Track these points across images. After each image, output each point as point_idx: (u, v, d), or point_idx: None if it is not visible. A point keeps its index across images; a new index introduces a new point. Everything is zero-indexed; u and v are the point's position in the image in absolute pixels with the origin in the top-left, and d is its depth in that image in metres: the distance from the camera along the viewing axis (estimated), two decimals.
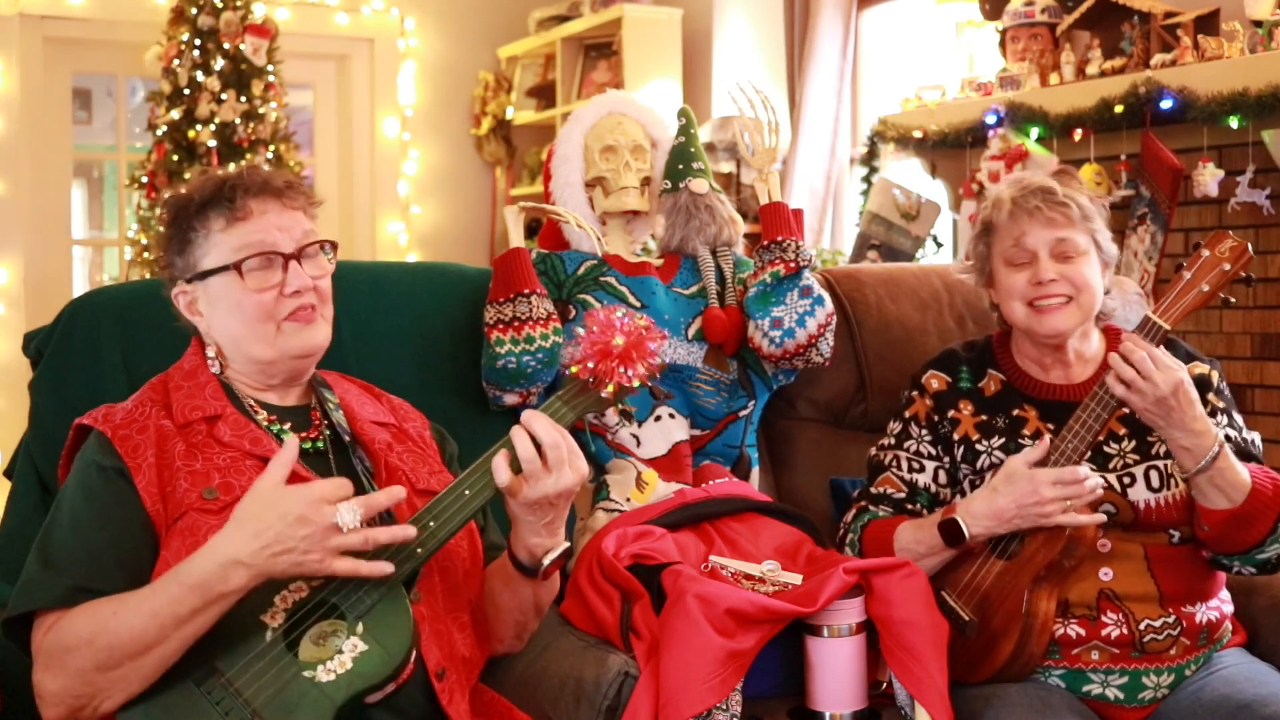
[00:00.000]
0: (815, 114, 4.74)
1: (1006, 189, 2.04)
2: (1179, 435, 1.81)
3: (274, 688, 1.42)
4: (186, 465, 1.56)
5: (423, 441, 1.81)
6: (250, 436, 1.61)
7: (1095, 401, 1.86)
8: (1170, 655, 1.89)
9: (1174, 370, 1.80)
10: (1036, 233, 1.98)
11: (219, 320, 1.66)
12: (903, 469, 2.07)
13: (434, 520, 1.54)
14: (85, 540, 1.50)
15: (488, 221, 6.15)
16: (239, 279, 1.63)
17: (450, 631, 1.63)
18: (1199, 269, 1.85)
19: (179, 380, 1.67)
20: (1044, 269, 1.97)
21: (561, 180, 2.33)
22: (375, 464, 1.70)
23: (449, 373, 2.24)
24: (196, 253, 1.66)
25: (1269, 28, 3.21)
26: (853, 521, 2.07)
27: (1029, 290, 1.98)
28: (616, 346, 1.62)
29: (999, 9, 4.11)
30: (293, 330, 1.65)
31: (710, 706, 1.66)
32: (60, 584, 1.47)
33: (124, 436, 1.57)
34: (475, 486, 1.57)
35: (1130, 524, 1.92)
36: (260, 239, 1.64)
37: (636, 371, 1.63)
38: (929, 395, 2.09)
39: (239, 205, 1.64)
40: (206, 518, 1.51)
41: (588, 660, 1.79)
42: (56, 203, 5.35)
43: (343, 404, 1.75)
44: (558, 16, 5.76)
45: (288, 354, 1.66)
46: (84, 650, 1.41)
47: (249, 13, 4.84)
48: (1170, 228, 3.43)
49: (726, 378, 2.27)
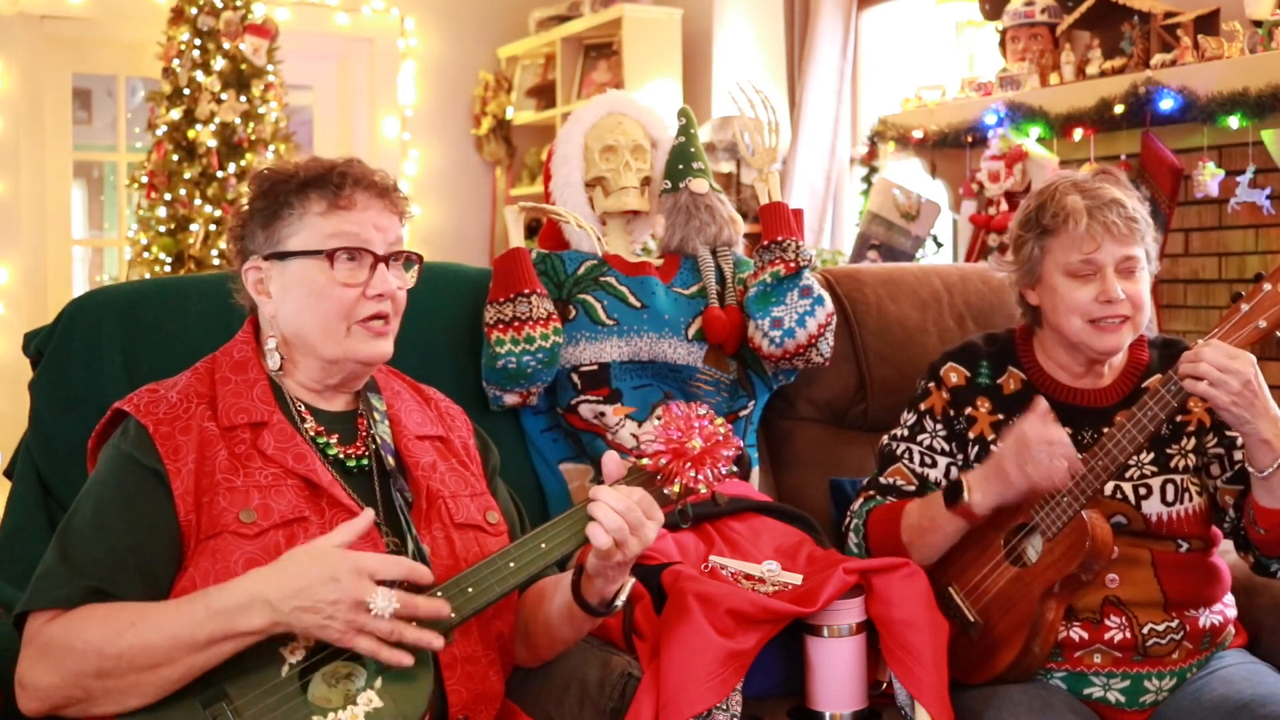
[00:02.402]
0: (815, 114, 4.74)
1: (1076, 196, 1.92)
2: (1264, 426, 1.74)
3: (276, 714, 1.38)
4: (227, 480, 1.50)
5: (466, 453, 1.75)
6: (294, 452, 1.54)
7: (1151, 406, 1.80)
8: (1173, 659, 1.89)
9: (1247, 356, 1.73)
10: (1109, 249, 1.89)
11: (290, 306, 1.59)
12: (915, 462, 2.04)
13: (473, 587, 1.49)
14: (108, 541, 1.46)
15: (488, 221, 6.15)
16: (328, 267, 1.56)
17: (484, 672, 1.58)
18: (1259, 303, 1.76)
19: (227, 372, 1.60)
20: (1113, 287, 1.88)
21: (561, 180, 2.33)
22: (416, 493, 1.63)
23: (449, 373, 2.23)
24: (285, 230, 1.58)
25: (1269, 28, 3.21)
26: (859, 509, 2.05)
27: (1093, 308, 1.90)
28: (692, 449, 1.58)
29: (999, 9, 4.11)
30: (362, 337, 1.59)
31: (710, 706, 1.66)
32: (76, 584, 1.43)
33: (166, 434, 1.51)
34: (521, 561, 1.52)
35: (1140, 533, 1.91)
36: (358, 232, 1.58)
37: (706, 476, 1.59)
38: (946, 389, 2.05)
39: (345, 193, 1.58)
40: (241, 542, 1.47)
41: (591, 661, 1.79)
42: (56, 203, 5.35)
43: (390, 413, 1.68)
44: (558, 16, 5.76)
45: (352, 357, 1.59)
46: (90, 656, 1.38)
47: (249, 13, 4.84)
48: (1170, 228, 3.44)
49: (726, 378, 2.27)
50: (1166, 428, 1.93)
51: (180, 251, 4.69)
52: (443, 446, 1.72)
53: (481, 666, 1.58)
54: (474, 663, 1.57)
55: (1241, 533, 1.91)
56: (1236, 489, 1.92)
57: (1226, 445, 1.94)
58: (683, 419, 1.59)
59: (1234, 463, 1.92)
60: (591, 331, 2.23)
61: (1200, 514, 1.92)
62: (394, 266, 1.62)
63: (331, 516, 1.52)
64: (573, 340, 2.22)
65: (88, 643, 1.38)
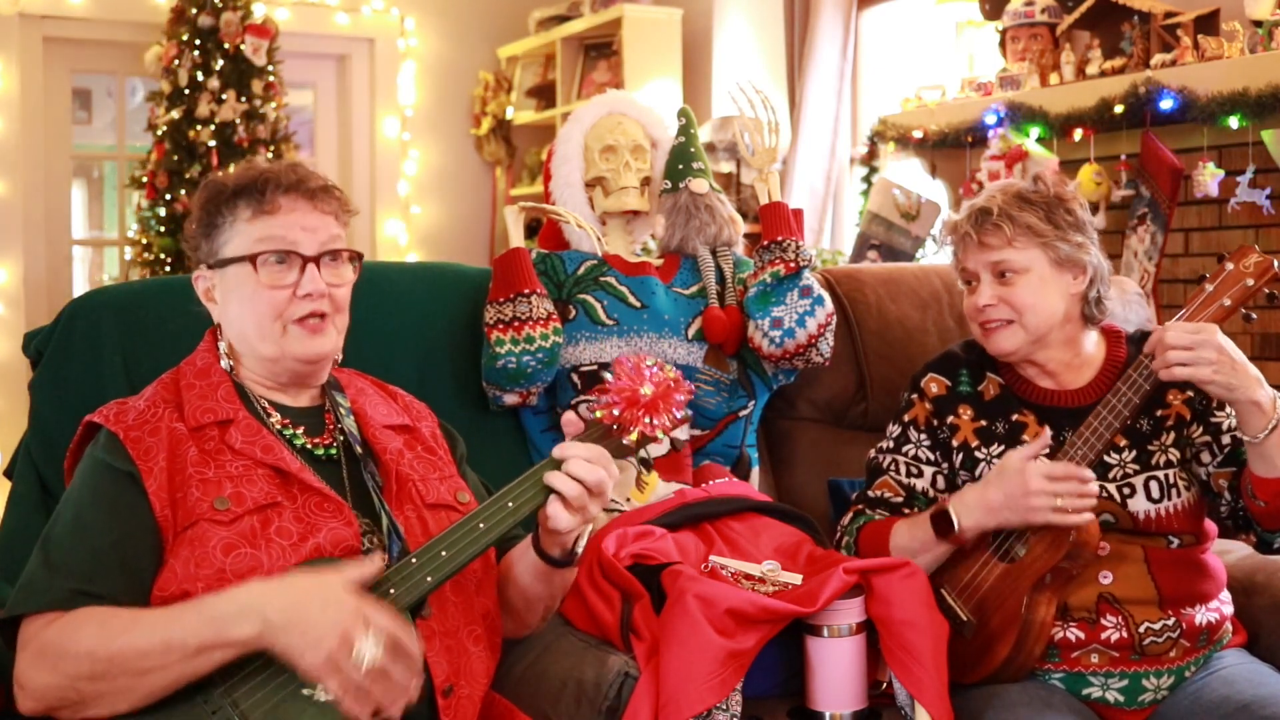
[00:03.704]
0: (815, 114, 4.74)
1: (962, 210, 2.04)
2: (1251, 387, 1.76)
3: (272, 702, 1.40)
4: (199, 472, 1.54)
5: (434, 441, 1.80)
6: (262, 444, 1.58)
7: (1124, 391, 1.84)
8: (1170, 657, 1.89)
9: (1210, 326, 1.78)
10: (974, 257, 2.00)
11: (231, 311, 1.65)
12: (901, 473, 2.07)
13: (446, 549, 1.52)
14: (89, 542, 1.48)
15: (488, 221, 6.15)
16: (253, 271, 1.61)
17: (464, 645, 1.61)
18: (1222, 282, 1.82)
19: (191, 379, 1.65)
20: (980, 293, 2.00)
21: (561, 180, 2.33)
22: (385, 476, 1.67)
23: (449, 373, 2.24)
24: (220, 239, 1.65)
25: (1269, 28, 3.21)
26: (849, 524, 2.07)
27: (976, 313, 2.01)
28: (644, 396, 1.62)
29: (999, 9, 4.11)
30: (298, 335, 1.63)
31: (710, 706, 1.66)
32: (60, 586, 1.45)
33: (136, 438, 1.55)
34: (490, 520, 1.55)
35: (1130, 530, 1.92)
36: (282, 235, 1.62)
37: (661, 422, 1.63)
38: (928, 400, 2.08)
39: (269, 198, 1.63)
40: (217, 528, 1.50)
41: (588, 661, 1.79)
42: (56, 203, 5.35)
43: (355, 407, 1.73)
44: (558, 16, 5.76)
45: (290, 355, 1.64)
46: (83, 659, 1.39)
47: (249, 13, 4.84)
48: (1170, 228, 3.44)
49: (726, 378, 2.27)
50: (1146, 423, 1.95)
51: (180, 251, 4.69)
52: (409, 436, 1.77)
53: (461, 640, 1.60)
54: (453, 636, 1.59)
55: (1240, 512, 1.92)
56: (1229, 471, 1.92)
57: (1213, 431, 1.95)
58: (632, 369, 1.63)
59: (1223, 447, 1.93)
60: (591, 331, 2.23)
61: (1190, 508, 1.93)
62: (329, 265, 1.65)
63: (304, 502, 1.56)
64: (573, 340, 2.22)
65: (82, 645, 1.40)
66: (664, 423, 1.63)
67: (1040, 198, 1.99)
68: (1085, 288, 2.00)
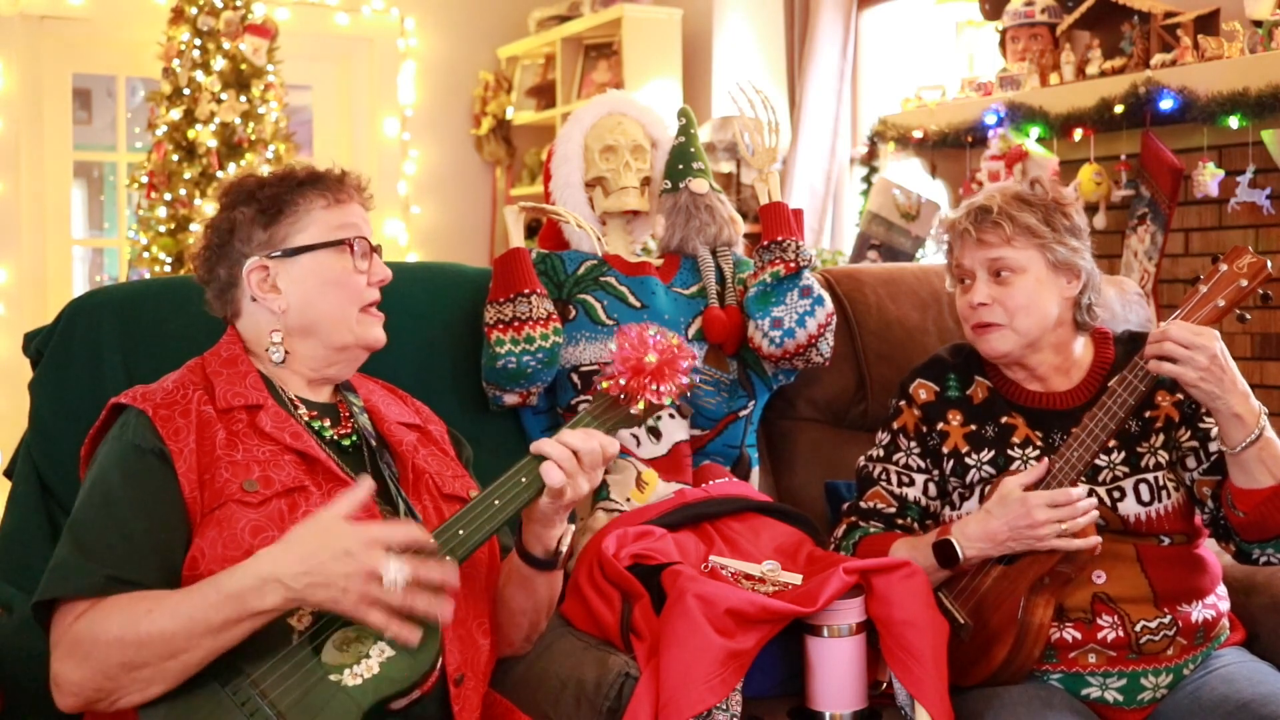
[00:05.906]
0: (815, 114, 4.74)
1: (960, 208, 2.04)
2: (1234, 401, 1.77)
3: (300, 690, 1.41)
4: (227, 455, 1.55)
5: (444, 444, 1.83)
6: (291, 430, 1.60)
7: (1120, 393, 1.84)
8: (1167, 655, 1.89)
9: (1211, 332, 1.78)
10: (971, 254, 2.00)
11: (304, 298, 1.66)
12: (892, 482, 2.06)
13: (463, 528, 1.53)
14: (121, 526, 1.48)
15: (488, 221, 6.15)
16: (347, 255, 1.66)
17: (474, 636, 1.62)
18: (1216, 283, 1.82)
19: (217, 366, 1.66)
20: (975, 291, 1.99)
21: (561, 180, 2.34)
22: (402, 467, 1.70)
23: (449, 373, 2.24)
24: (290, 228, 1.66)
25: (1269, 28, 3.21)
26: (843, 539, 2.06)
27: (969, 313, 2.00)
28: (649, 364, 1.63)
29: (999, 9, 4.11)
30: (369, 322, 1.70)
31: (710, 706, 1.66)
32: (94, 571, 1.44)
33: (165, 417, 1.55)
34: (505, 497, 1.57)
35: (1120, 531, 1.92)
36: (355, 224, 1.69)
37: (667, 389, 1.64)
38: (917, 406, 2.08)
39: (344, 189, 1.69)
40: (245, 510, 1.51)
41: (588, 661, 1.79)
42: (56, 203, 5.35)
43: (368, 405, 1.76)
44: (558, 16, 5.76)
45: (361, 342, 1.69)
46: (113, 646, 1.40)
47: (249, 13, 4.84)
48: (1170, 228, 3.44)
49: (726, 378, 2.27)
50: (1135, 424, 1.95)
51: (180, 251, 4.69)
52: (422, 434, 1.80)
53: (471, 630, 1.62)
54: (463, 626, 1.61)
55: (1221, 522, 1.92)
56: (1214, 479, 1.92)
57: (1200, 437, 1.95)
58: (636, 339, 1.65)
59: (1209, 454, 1.93)
60: (591, 331, 2.23)
61: (1179, 510, 1.93)
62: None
63: (329, 489, 1.57)
64: (573, 340, 2.23)
65: (108, 634, 1.40)
66: (670, 389, 1.65)
67: (1038, 200, 2.00)
68: (1078, 293, 2.01)
